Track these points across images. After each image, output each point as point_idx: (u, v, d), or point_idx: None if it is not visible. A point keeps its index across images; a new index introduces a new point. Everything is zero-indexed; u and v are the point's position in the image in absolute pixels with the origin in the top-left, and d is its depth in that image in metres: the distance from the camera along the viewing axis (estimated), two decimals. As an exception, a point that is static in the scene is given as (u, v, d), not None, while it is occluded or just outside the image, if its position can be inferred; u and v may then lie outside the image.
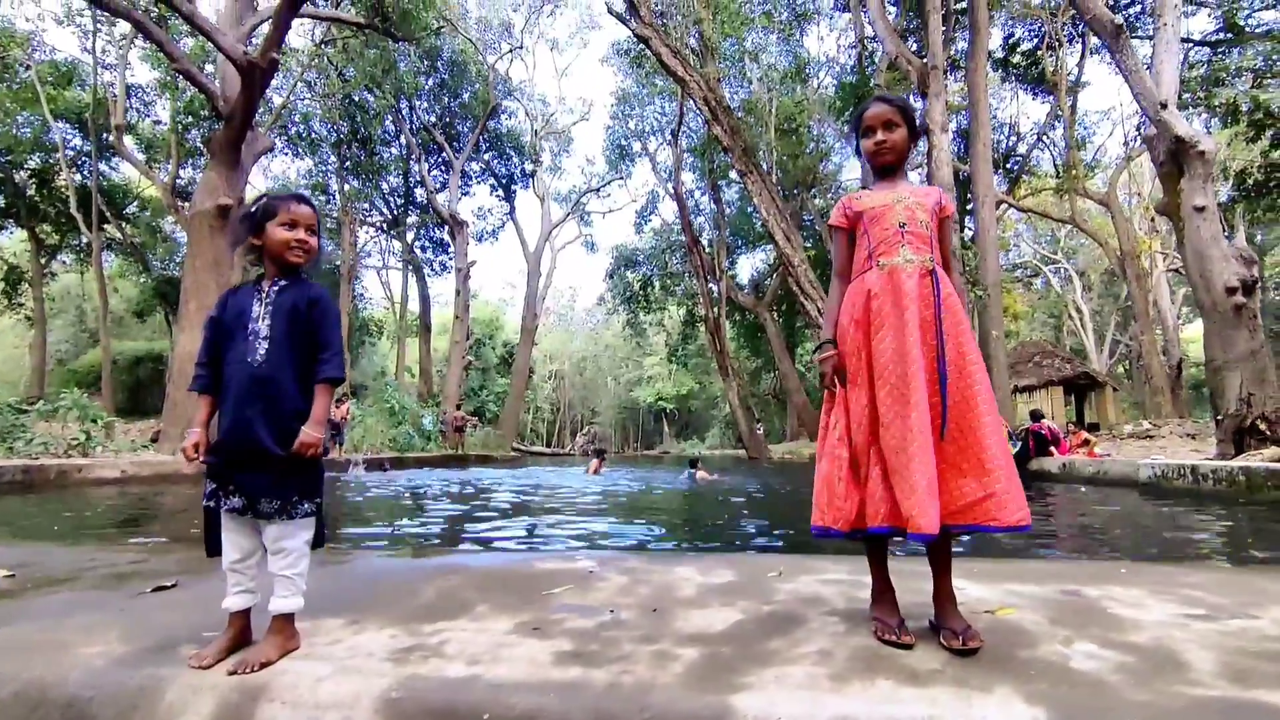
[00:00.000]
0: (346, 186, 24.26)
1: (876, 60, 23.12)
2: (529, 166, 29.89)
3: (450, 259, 29.13)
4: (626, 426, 63.40)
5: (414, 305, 30.69)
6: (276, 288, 1.62)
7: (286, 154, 23.07)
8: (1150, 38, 12.38)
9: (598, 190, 34.05)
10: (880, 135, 1.74)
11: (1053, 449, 8.85)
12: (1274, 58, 15.07)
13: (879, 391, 1.59)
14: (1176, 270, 29.98)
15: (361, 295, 29.26)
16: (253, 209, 1.67)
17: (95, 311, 27.60)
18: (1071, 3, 13.77)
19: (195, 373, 1.63)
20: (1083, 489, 7.19)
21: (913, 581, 1.98)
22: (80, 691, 1.36)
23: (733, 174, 32.06)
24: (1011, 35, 24.26)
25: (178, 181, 20.53)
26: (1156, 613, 1.71)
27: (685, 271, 34.97)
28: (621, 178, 33.77)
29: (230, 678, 1.36)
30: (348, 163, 23.76)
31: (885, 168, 1.77)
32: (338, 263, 26.47)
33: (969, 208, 20.62)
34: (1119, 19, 10.19)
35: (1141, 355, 41.45)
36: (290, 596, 1.51)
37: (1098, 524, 4.78)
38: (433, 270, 29.15)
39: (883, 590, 1.64)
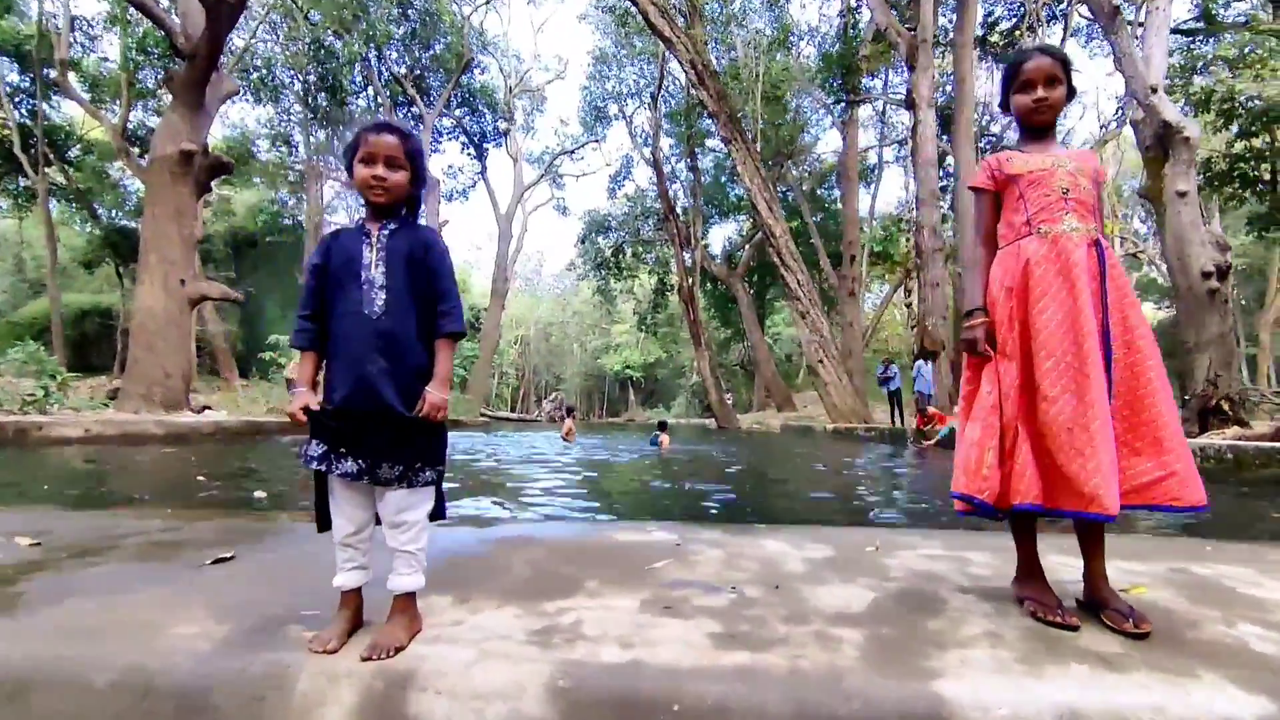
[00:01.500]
0: (313, 139, 23.14)
1: (860, 30, 22.96)
2: (502, 125, 28.99)
3: (419, 217, 28.25)
4: (592, 394, 63.35)
5: (380, 265, 29.76)
6: (386, 231, 1.44)
7: (247, 100, 21.81)
8: (1141, 24, 12.48)
9: (571, 153, 33.31)
10: (1041, 92, 1.63)
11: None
12: (1248, 47, 15.39)
13: (1040, 365, 1.50)
14: (1134, 255, 31.02)
15: (325, 253, 28.18)
16: (350, 143, 1.48)
17: (35, 260, 26.06)
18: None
19: (298, 325, 1.44)
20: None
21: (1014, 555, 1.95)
22: (194, 680, 1.20)
23: (709, 141, 31.78)
24: (991, 14, 24.29)
25: (128, 124, 19.24)
26: (1285, 592, 1.69)
27: (657, 239, 34.70)
28: (596, 140, 33.11)
29: (366, 664, 1.22)
30: (314, 113, 22.61)
31: (1041, 128, 1.67)
32: (301, 219, 25.44)
33: (944, 186, 20.84)
34: (1117, 0, 10.23)
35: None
36: (413, 574, 1.37)
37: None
38: (400, 229, 28.19)
39: (1032, 568, 1.58)
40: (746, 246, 30.84)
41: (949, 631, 1.40)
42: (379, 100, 24.43)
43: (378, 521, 1.42)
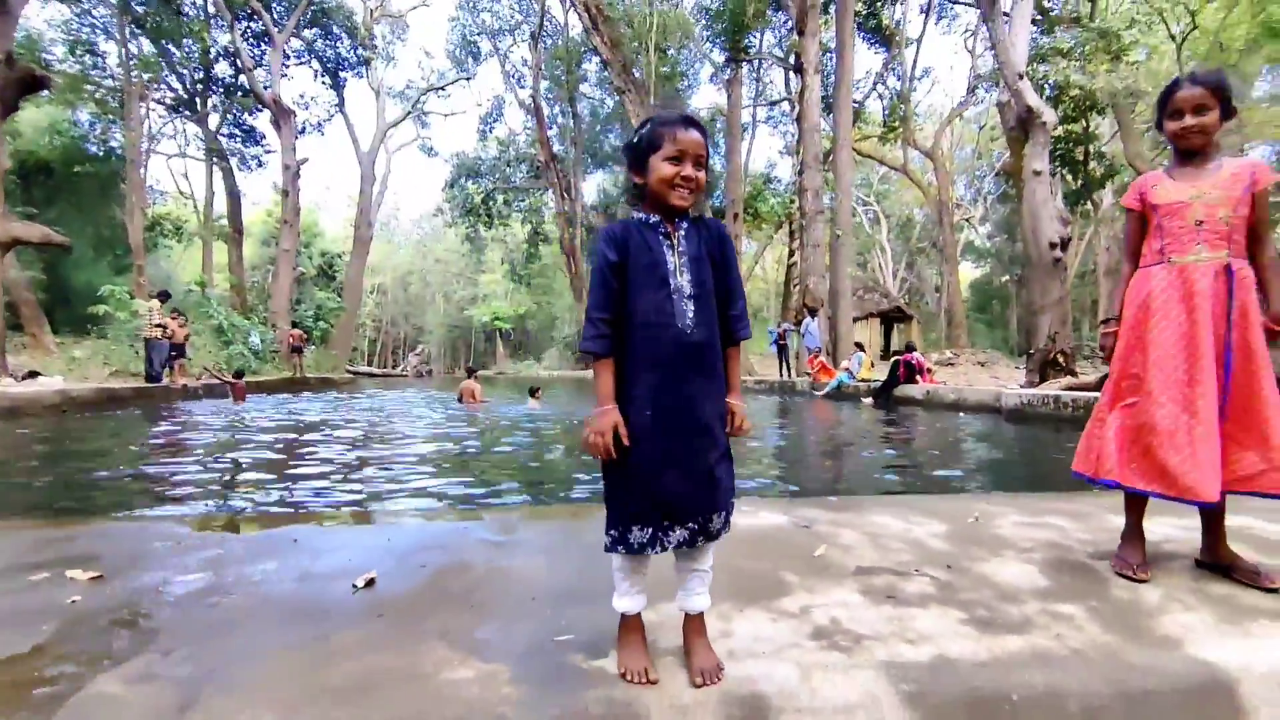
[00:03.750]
0: (134, 50, 19.54)
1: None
2: (362, 53, 26.28)
3: (265, 151, 25.20)
4: (457, 346, 61.17)
5: (219, 204, 26.34)
6: (682, 231, 1.34)
7: (39, -4, 17.91)
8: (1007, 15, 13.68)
9: (439, 89, 31.08)
10: (1189, 120, 1.78)
11: (919, 377, 10.18)
12: (1075, 43, 17.47)
13: (1152, 377, 1.77)
14: (965, 220, 34.84)
15: (151, 188, 24.33)
16: (636, 138, 1.34)
17: None
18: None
19: (595, 330, 1.30)
20: (961, 415, 8.37)
21: (1094, 520, 2.25)
22: (540, 730, 1.12)
23: (585, 88, 30.93)
24: (859, -14, 25.51)
25: None
26: (1309, 539, 2.11)
27: (531, 187, 33.66)
28: (467, 77, 31.09)
29: (705, 691, 1.20)
30: (139, 23, 19.04)
31: (1189, 152, 1.83)
32: (115, 145, 21.74)
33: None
34: (995, -12, 11.15)
35: (922, 291, 48.21)
36: (706, 592, 1.35)
37: (1059, 454, 5.31)
38: (244, 165, 24.98)
39: (1135, 536, 1.87)
40: (625, 198, 30.77)
41: (1139, 602, 1.62)
42: (214, 11, 21.11)
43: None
